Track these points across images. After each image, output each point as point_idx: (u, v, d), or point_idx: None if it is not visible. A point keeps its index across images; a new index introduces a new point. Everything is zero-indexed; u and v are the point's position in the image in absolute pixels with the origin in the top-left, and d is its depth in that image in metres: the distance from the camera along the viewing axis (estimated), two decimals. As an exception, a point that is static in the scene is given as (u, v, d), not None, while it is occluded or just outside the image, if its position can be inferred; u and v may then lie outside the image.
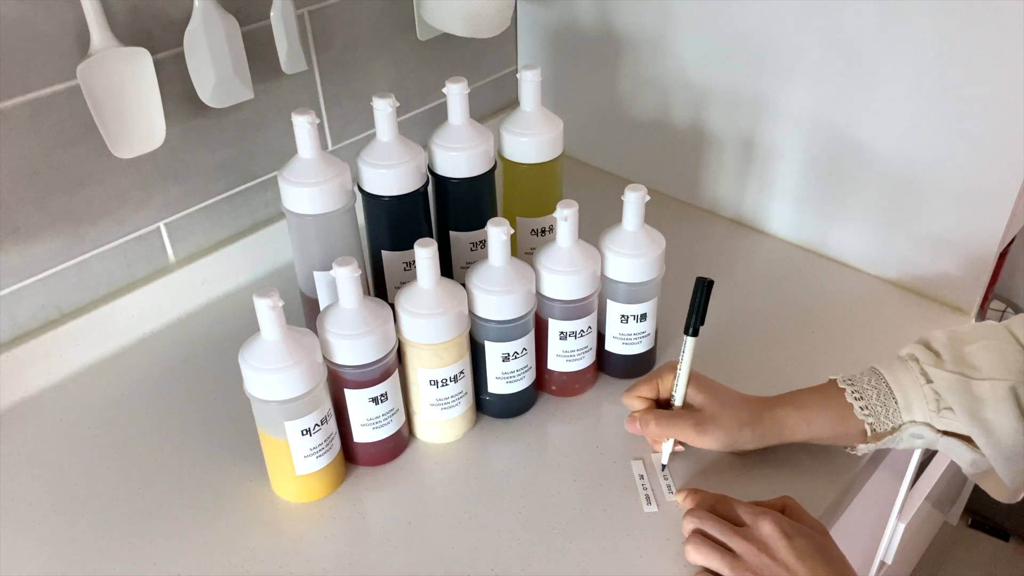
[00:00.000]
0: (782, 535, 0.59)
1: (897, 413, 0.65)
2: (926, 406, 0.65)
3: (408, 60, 0.99)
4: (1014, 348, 0.64)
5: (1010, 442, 0.62)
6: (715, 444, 0.67)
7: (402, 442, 0.73)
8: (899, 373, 0.66)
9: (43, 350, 0.80)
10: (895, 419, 0.66)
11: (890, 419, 0.66)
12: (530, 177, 0.82)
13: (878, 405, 0.66)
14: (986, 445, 0.63)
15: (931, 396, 0.64)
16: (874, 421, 0.66)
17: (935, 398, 0.64)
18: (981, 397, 0.62)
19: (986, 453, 0.63)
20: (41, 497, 0.70)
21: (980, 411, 0.63)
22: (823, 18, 0.84)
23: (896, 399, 0.65)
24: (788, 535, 0.59)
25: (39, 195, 0.75)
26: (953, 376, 0.63)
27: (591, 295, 0.73)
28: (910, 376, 0.66)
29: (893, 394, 0.65)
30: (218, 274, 0.90)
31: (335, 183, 0.72)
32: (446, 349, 0.69)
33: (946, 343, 0.66)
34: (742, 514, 0.62)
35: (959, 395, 0.63)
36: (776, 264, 0.95)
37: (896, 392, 0.65)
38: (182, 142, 0.83)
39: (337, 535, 0.67)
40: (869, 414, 0.66)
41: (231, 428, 0.75)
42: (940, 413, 0.64)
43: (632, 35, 1.00)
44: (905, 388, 0.65)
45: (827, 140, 0.89)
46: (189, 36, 0.75)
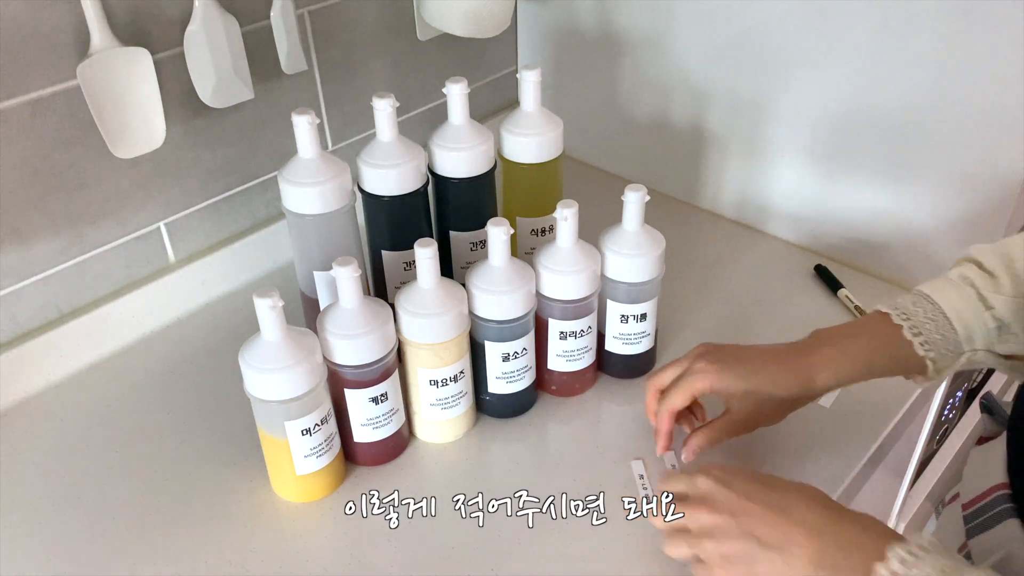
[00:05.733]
0: (718, 483, 0.56)
1: (958, 344, 0.61)
2: (987, 334, 0.61)
3: (408, 60, 0.99)
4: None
5: None
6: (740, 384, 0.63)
7: (402, 442, 0.73)
8: (955, 299, 0.61)
9: (43, 350, 0.80)
10: (956, 350, 0.61)
11: (951, 350, 0.61)
12: (530, 177, 0.82)
13: (937, 337, 0.61)
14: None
15: (992, 323, 0.60)
16: (936, 356, 0.61)
17: (997, 325, 0.60)
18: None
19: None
20: (41, 497, 0.70)
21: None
22: (823, 17, 0.84)
23: (956, 329, 0.61)
24: (724, 481, 0.56)
25: (39, 195, 0.75)
26: (1016, 300, 0.59)
27: (591, 295, 0.73)
28: (968, 303, 0.61)
29: (952, 324, 0.61)
30: (218, 274, 0.90)
31: (335, 183, 0.72)
32: (446, 349, 0.69)
33: (999, 262, 0.61)
34: (683, 487, 0.59)
35: (1023, 319, 0.59)
36: (776, 264, 0.95)
37: (955, 322, 0.61)
38: (182, 142, 0.83)
39: (337, 535, 0.67)
40: (931, 348, 0.60)
41: (231, 428, 0.75)
42: (1002, 338, 0.61)
43: (632, 35, 1.00)
44: (964, 316, 0.61)
45: (827, 140, 0.89)
46: (189, 36, 0.75)
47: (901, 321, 0.61)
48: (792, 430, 0.74)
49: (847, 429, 0.75)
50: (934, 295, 0.62)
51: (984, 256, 0.62)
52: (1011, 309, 0.60)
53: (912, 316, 0.61)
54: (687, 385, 0.65)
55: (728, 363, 0.64)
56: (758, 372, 0.63)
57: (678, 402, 0.66)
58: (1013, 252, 0.61)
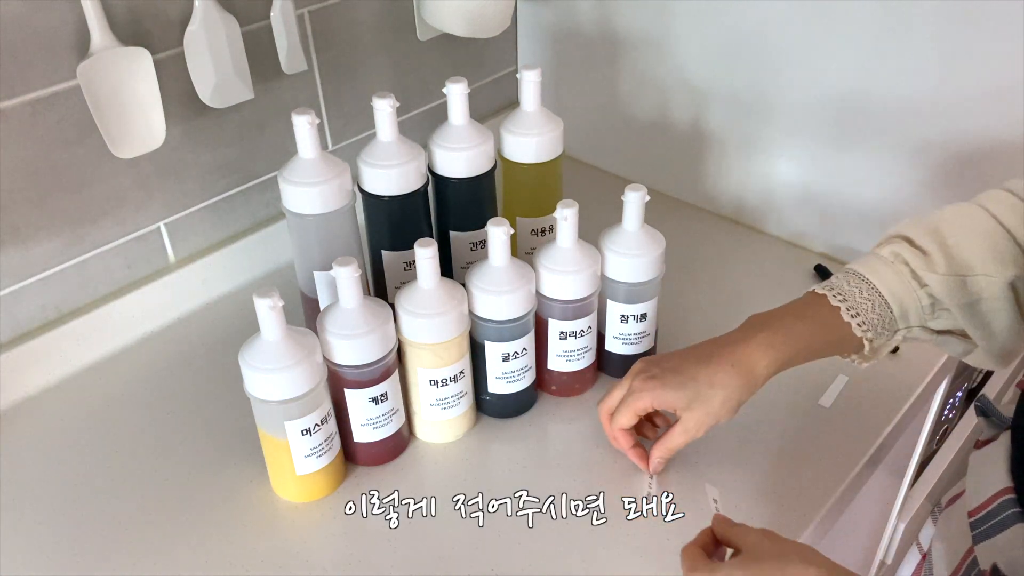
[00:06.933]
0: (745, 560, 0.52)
1: (894, 322, 0.62)
2: (921, 311, 0.61)
3: (408, 60, 0.99)
4: (998, 232, 0.60)
5: (1004, 335, 0.61)
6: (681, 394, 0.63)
7: (402, 442, 0.73)
8: (889, 278, 0.62)
9: (43, 350, 0.80)
10: (891, 327, 0.62)
11: (887, 329, 0.62)
12: (530, 177, 0.82)
13: (874, 317, 0.61)
14: (982, 339, 0.61)
15: (927, 300, 0.61)
16: (873, 336, 0.62)
17: (931, 302, 0.61)
18: (978, 293, 0.60)
19: (979, 345, 0.61)
20: (41, 497, 0.70)
21: (977, 308, 0.60)
22: (823, 17, 0.84)
23: (892, 308, 0.61)
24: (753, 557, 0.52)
25: (39, 195, 0.75)
26: (949, 278, 0.60)
27: (591, 295, 0.73)
28: (902, 282, 0.61)
29: (888, 304, 0.61)
30: (218, 274, 0.90)
31: (335, 183, 0.72)
32: (446, 349, 0.69)
33: (930, 238, 0.61)
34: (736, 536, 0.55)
35: (956, 297, 0.60)
36: (776, 263, 0.95)
37: (890, 301, 0.61)
38: (182, 142, 0.83)
39: (337, 535, 0.67)
40: (868, 329, 0.61)
41: (231, 428, 0.75)
42: (935, 315, 0.61)
43: (632, 35, 1.00)
44: (899, 295, 0.61)
45: (827, 140, 0.89)
46: (189, 36, 0.75)
47: (838, 303, 0.62)
48: (792, 430, 0.75)
49: (847, 429, 0.75)
50: (868, 275, 0.62)
51: (914, 233, 0.62)
52: (944, 287, 0.60)
53: (848, 297, 0.62)
54: (628, 406, 0.66)
55: (665, 377, 0.64)
56: (696, 379, 0.63)
57: (624, 422, 0.67)
58: (944, 228, 0.61)
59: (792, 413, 0.76)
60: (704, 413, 0.64)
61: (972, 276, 0.60)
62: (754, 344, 0.63)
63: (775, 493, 0.69)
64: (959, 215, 0.62)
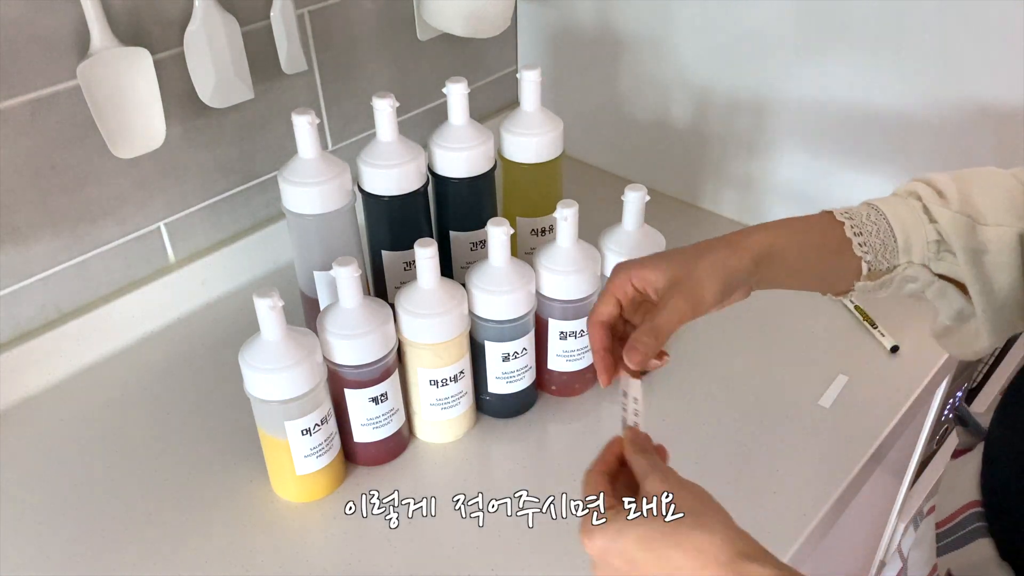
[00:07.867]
0: None
1: (896, 253, 0.60)
2: (926, 247, 0.59)
3: (408, 60, 0.99)
4: (1018, 189, 0.59)
5: (1004, 295, 0.58)
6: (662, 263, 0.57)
7: (402, 442, 0.73)
8: (899, 210, 0.60)
9: (43, 350, 0.80)
10: (892, 259, 0.60)
11: (887, 258, 0.60)
12: (530, 177, 0.82)
13: (876, 242, 0.59)
14: (980, 294, 0.59)
15: (933, 236, 0.59)
16: (872, 260, 0.59)
17: (937, 239, 0.59)
18: (986, 243, 0.58)
19: (976, 303, 0.59)
20: (41, 497, 0.70)
21: (982, 258, 0.58)
22: (823, 17, 0.84)
23: (896, 238, 0.59)
24: None
25: (39, 195, 0.75)
26: (960, 217, 0.58)
27: (591, 295, 0.73)
28: (912, 214, 0.59)
29: (893, 232, 0.59)
30: (218, 274, 0.90)
31: (335, 183, 0.72)
32: (446, 349, 0.69)
33: (950, 182, 0.60)
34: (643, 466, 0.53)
35: (964, 238, 0.58)
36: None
37: (896, 230, 0.59)
38: (182, 142, 0.83)
39: (337, 535, 0.67)
40: (868, 251, 0.59)
41: (231, 428, 0.75)
42: (939, 255, 0.59)
43: (632, 35, 1.00)
44: (906, 226, 0.59)
45: (827, 139, 0.89)
46: (189, 36, 0.75)
47: (844, 219, 0.60)
48: (792, 430, 0.75)
49: (847, 429, 0.75)
50: (880, 204, 0.61)
51: (936, 177, 0.61)
52: (953, 225, 0.58)
53: (855, 216, 0.60)
54: (607, 290, 0.58)
55: (646, 258, 0.59)
56: (682, 252, 0.58)
57: (603, 310, 0.58)
58: (965, 176, 0.60)
59: (792, 413, 0.76)
60: (689, 288, 0.56)
61: (983, 225, 0.58)
62: (748, 229, 0.60)
63: (775, 493, 0.69)
64: (983, 171, 0.61)
